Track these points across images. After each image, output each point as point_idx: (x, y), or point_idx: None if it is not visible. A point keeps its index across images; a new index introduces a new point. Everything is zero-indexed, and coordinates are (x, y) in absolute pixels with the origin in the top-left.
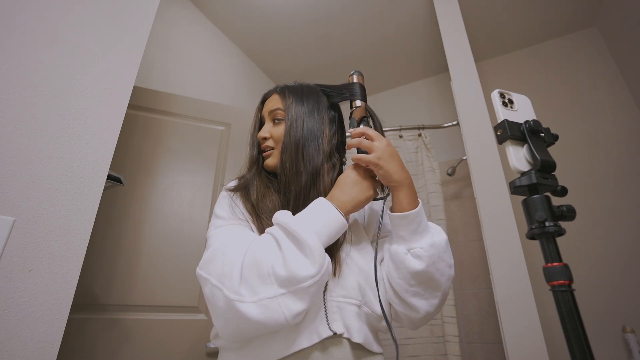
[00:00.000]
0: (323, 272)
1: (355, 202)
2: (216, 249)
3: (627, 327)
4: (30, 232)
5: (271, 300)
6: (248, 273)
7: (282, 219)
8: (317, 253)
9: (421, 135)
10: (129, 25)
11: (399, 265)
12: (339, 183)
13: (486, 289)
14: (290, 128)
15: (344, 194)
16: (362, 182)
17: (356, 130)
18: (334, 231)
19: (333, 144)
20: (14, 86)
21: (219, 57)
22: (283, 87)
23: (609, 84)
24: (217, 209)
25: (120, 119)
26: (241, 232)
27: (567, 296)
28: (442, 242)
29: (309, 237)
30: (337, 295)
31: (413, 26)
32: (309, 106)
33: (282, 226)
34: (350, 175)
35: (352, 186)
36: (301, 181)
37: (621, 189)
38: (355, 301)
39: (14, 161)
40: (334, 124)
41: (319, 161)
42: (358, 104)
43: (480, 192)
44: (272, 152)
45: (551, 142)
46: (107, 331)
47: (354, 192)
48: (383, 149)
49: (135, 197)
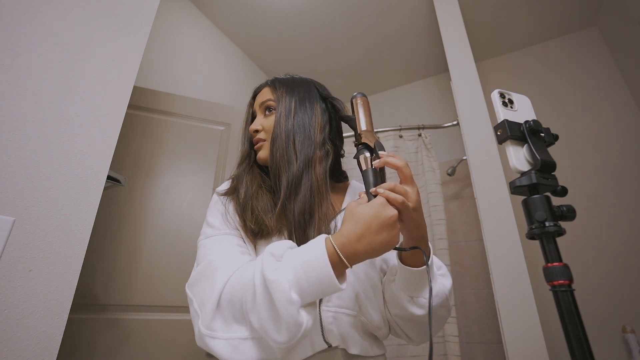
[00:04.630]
0: (296, 340)
1: (372, 253)
2: (202, 270)
3: (627, 327)
4: (30, 232)
5: (242, 342)
6: (223, 308)
7: (266, 260)
8: (291, 326)
9: (421, 135)
10: (129, 25)
11: (399, 306)
12: (357, 218)
13: (486, 289)
14: (280, 118)
15: (362, 240)
16: (395, 227)
17: (396, 161)
18: (323, 293)
19: (326, 133)
20: (14, 86)
21: (219, 57)
22: (274, 79)
23: (609, 83)
24: (209, 216)
25: (120, 119)
26: (229, 252)
27: (567, 296)
28: (447, 291)
29: (283, 307)
30: (333, 305)
31: (413, 26)
32: (299, 96)
33: (262, 270)
34: (380, 214)
35: (380, 231)
36: (292, 170)
37: (621, 189)
38: (351, 312)
39: (14, 161)
40: (326, 113)
41: (310, 150)
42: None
43: (480, 192)
44: (263, 144)
45: (551, 142)
46: (107, 331)
47: (378, 241)
48: (417, 198)
49: (135, 197)
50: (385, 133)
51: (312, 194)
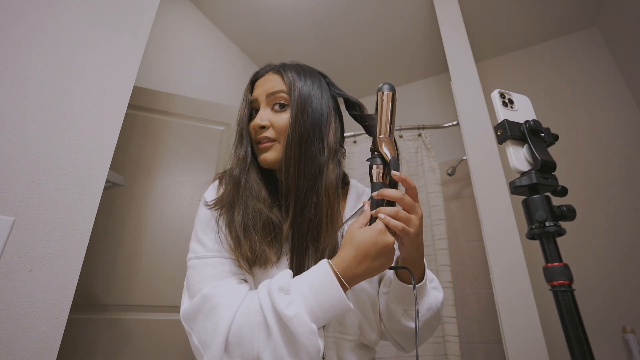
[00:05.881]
0: None
1: (369, 276)
2: (199, 306)
3: (627, 327)
4: (30, 232)
5: None
6: (232, 350)
7: (277, 297)
8: (314, 355)
9: (421, 135)
10: (129, 25)
11: (393, 319)
12: (357, 245)
13: (486, 289)
14: (297, 118)
15: (361, 266)
16: (390, 253)
17: (404, 179)
18: (336, 316)
19: (338, 137)
20: (14, 86)
21: (220, 57)
22: (282, 65)
23: (609, 83)
24: (200, 231)
25: (120, 119)
26: (227, 283)
27: (567, 296)
28: (438, 304)
29: (306, 339)
30: (334, 330)
31: (413, 26)
32: (313, 90)
33: (275, 308)
34: (379, 242)
35: (377, 257)
36: (301, 183)
37: (621, 189)
38: (352, 337)
39: (14, 161)
40: (337, 114)
41: (323, 159)
42: (384, 135)
43: (480, 192)
44: (272, 144)
45: (551, 142)
46: (107, 331)
47: (375, 266)
48: (419, 224)
49: (135, 197)
50: None
51: (323, 209)
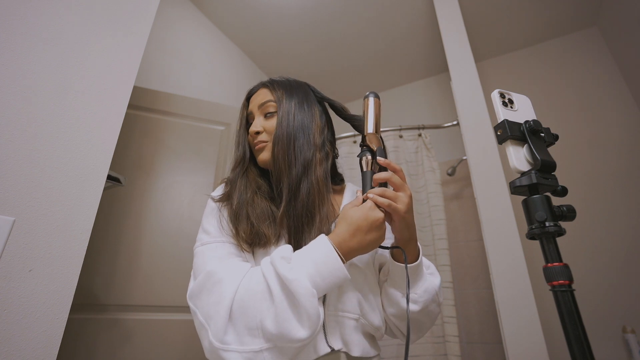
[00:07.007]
0: (315, 334)
1: (363, 250)
2: (203, 282)
3: (627, 327)
4: (30, 232)
5: (256, 354)
6: (236, 320)
7: (279, 263)
8: (314, 318)
9: (421, 135)
10: (129, 25)
11: (393, 303)
12: (350, 220)
13: (486, 289)
14: (282, 119)
15: (354, 239)
16: (381, 228)
17: (388, 163)
18: (335, 285)
19: (325, 135)
20: (14, 86)
21: (219, 57)
22: (270, 80)
23: (609, 83)
24: (205, 222)
25: (120, 119)
26: (229, 261)
27: (567, 296)
28: (436, 287)
29: (306, 300)
30: (335, 309)
31: (413, 26)
32: (298, 99)
33: (277, 273)
34: (369, 217)
35: (369, 231)
36: (292, 173)
37: (621, 189)
38: (354, 315)
39: (14, 161)
40: (324, 116)
41: (309, 153)
42: (370, 131)
43: (480, 192)
44: (265, 145)
45: (551, 142)
46: (107, 331)
47: (367, 240)
48: (408, 202)
49: (135, 197)
50: (386, 133)
51: (314, 195)
